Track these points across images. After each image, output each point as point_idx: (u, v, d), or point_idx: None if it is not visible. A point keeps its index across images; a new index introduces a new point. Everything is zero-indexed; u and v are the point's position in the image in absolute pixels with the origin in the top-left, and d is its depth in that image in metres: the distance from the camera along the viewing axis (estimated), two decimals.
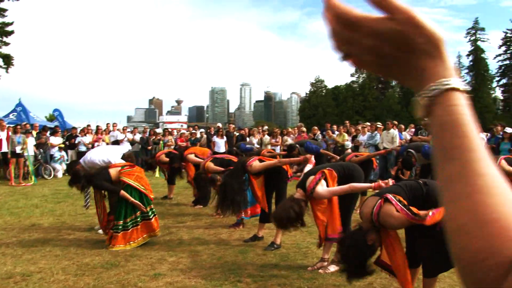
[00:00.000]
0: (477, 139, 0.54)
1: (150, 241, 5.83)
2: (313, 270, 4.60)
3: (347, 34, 0.59)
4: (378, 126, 13.51)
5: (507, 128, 11.84)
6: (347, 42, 0.60)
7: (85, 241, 5.85)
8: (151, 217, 5.73)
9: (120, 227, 5.49)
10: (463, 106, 0.56)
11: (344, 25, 0.59)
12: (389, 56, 0.59)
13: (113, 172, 5.67)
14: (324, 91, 68.98)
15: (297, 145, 8.85)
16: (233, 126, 18.04)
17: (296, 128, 17.18)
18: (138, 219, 5.62)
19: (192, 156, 8.81)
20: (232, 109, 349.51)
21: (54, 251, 5.35)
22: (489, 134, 12.48)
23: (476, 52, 57.62)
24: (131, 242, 5.50)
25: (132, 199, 5.52)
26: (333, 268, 4.55)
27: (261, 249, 5.44)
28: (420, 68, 0.58)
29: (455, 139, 0.53)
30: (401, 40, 0.57)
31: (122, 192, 5.51)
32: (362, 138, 13.60)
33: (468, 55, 58.54)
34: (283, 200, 4.94)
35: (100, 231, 6.05)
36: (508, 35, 56.96)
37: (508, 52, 57.60)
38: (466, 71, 58.91)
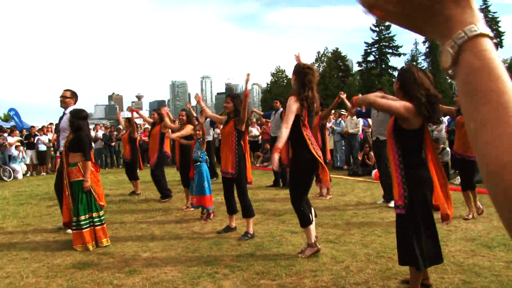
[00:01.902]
0: (509, 82, 0.54)
1: (122, 238, 5.72)
2: (291, 257, 4.64)
3: None
4: (342, 113, 13.74)
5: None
6: None
7: (54, 242, 5.67)
8: (97, 224, 5.40)
9: (74, 224, 5.32)
10: (492, 51, 0.56)
11: None
12: (416, 6, 0.59)
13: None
14: (285, 81, 69.27)
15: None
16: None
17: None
18: (95, 219, 5.38)
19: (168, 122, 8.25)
20: (193, 102, 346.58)
21: (21, 254, 5.16)
22: (449, 118, 12.88)
23: (432, 39, 59.32)
24: (88, 244, 5.25)
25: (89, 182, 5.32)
26: (309, 252, 4.62)
27: (235, 240, 5.43)
28: (447, 16, 0.59)
29: (489, 83, 0.54)
30: None
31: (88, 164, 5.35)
32: (328, 125, 13.82)
33: (424, 42, 60.06)
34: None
35: (69, 230, 5.86)
36: None
37: None
38: (423, 57, 60.57)
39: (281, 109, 9.48)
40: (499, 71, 0.54)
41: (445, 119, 12.61)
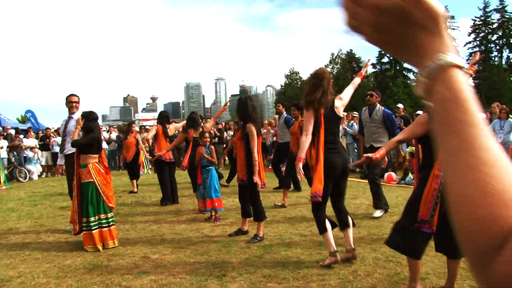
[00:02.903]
0: (479, 114, 0.55)
1: (132, 239, 5.77)
2: (299, 260, 4.62)
3: (352, 7, 0.60)
4: (354, 115, 13.72)
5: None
6: (353, 16, 0.60)
7: (66, 243, 5.75)
8: (104, 226, 5.45)
9: (84, 225, 5.40)
10: (462, 82, 0.56)
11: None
12: (390, 31, 0.59)
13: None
14: (299, 82, 69.24)
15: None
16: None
17: (273, 120, 17.13)
18: (103, 221, 5.44)
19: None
20: (208, 104, 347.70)
21: (33, 254, 5.24)
22: None
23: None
24: (98, 245, 5.31)
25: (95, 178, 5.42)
26: (328, 261, 4.44)
27: (244, 243, 5.44)
28: (418, 45, 0.59)
29: (459, 114, 0.54)
30: (400, 14, 0.57)
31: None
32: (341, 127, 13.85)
33: None
34: None
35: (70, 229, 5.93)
36: (477, 22, 58.14)
37: (477, 39, 58.81)
38: None
39: (284, 113, 9.42)
40: (469, 103, 0.55)
41: None
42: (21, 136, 15.41)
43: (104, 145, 15.51)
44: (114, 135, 17.45)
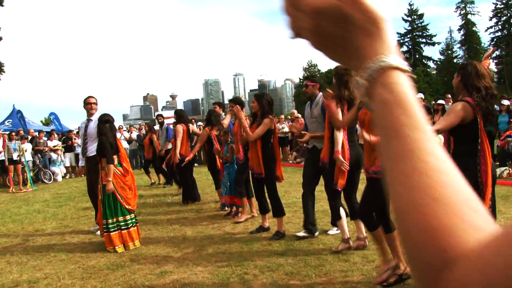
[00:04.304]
0: (422, 118, 0.51)
1: (155, 239, 5.82)
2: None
3: (292, 12, 0.58)
4: None
5: (503, 100, 11.81)
6: (294, 21, 0.58)
7: (89, 244, 5.83)
8: (123, 228, 5.48)
9: (104, 227, 5.46)
10: (404, 85, 0.53)
11: (290, 2, 0.58)
12: (330, 35, 0.57)
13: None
14: (318, 75, 68.85)
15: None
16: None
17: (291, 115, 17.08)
18: (122, 223, 5.47)
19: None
20: (226, 100, 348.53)
21: (59, 256, 5.34)
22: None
23: (467, 26, 57.47)
24: (116, 247, 5.36)
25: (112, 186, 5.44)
26: (341, 246, 4.76)
27: (265, 240, 5.43)
28: (358, 47, 0.56)
29: (401, 117, 0.51)
30: (338, 16, 0.55)
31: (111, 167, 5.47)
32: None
33: (459, 29, 58.48)
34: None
35: (98, 232, 6.00)
36: (498, 6, 56.76)
37: (499, 23, 57.43)
38: (459, 45, 58.81)
39: (223, 114, 8.31)
40: (412, 106, 0.51)
41: None
42: (45, 138, 15.71)
43: (125, 144, 15.69)
44: (134, 134, 17.64)
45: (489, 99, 3.34)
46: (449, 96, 11.88)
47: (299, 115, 15.85)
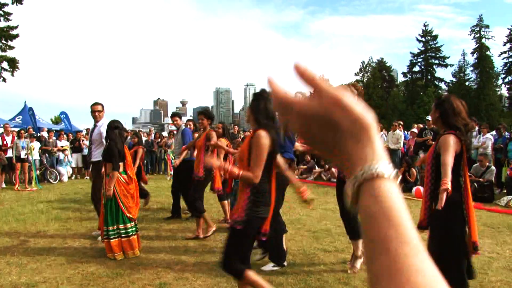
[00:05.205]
0: (410, 230, 0.49)
1: (156, 248, 5.79)
2: (322, 277, 4.55)
3: (284, 114, 0.60)
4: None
5: None
6: (286, 121, 0.61)
7: (90, 249, 5.82)
8: (123, 236, 5.46)
9: (105, 233, 5.45)
10: (391, 194, 0.52)
11: (280, 106, 0.60)
12: (321, 140, 0.58)
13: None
14: None
15: None
16: (237, 127, 17.99)
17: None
18: (122, 231, 5.45)
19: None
20: (237, 110, 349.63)
21: (59, 260, 5.32)
22: (496, 134, 12.37)
23: (481, 50, 57.14)
24: (116, 254, 5.35)
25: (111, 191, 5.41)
26: (359, 264, 4.77)
27: (267, 256, 5.37)
28: (348, 153, 0.56)
29: (388, 230, 0.49)
30: (328, 123, 0.56)
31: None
32: None
33: (473, 53, 58.10)
34: None
35: (100, 238, 5.97)
36: None
37: None
38: (471, 69, 58.53)
39: (182, 125, 8.39)
40: (399, 218, 0.49)
41: (491, 136, 12.09)
42: (54, 137, 15.78)
43: None
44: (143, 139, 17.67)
45: (467, 134, 3.47)
46: None
47: None
